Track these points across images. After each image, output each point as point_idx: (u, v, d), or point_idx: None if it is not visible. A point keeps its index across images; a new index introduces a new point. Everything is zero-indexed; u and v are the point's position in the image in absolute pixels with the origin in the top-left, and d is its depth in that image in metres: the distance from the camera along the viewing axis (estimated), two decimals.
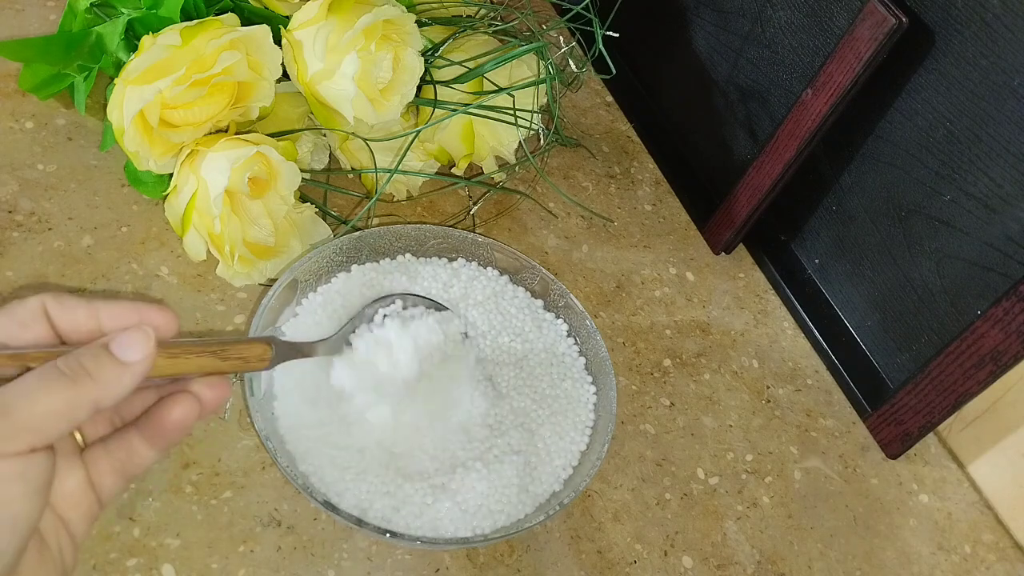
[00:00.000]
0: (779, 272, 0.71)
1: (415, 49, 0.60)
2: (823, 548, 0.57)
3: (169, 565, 0.46)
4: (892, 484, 0.61)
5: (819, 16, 0.61)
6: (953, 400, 0.57)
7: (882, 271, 0.63)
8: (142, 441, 0.36)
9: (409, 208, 0.67)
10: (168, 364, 0.35)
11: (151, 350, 0.33)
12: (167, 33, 0.52)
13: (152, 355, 0.33)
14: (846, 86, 0.58)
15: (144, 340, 0.33)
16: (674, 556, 0.54)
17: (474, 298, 0.58)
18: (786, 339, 0.68)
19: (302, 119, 0.62)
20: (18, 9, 0.69)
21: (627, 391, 0.61)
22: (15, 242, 0.56)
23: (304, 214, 0.60)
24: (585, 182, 0.74)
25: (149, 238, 0.59)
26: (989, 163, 0.54)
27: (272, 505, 0.50)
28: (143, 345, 0.33)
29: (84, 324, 0.35)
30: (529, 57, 0.65)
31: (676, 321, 0.66)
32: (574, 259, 0.68)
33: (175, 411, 0.36)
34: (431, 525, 0.48)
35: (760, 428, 0.62)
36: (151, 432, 0.36)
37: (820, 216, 0.67)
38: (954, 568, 0.58)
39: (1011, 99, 0.52)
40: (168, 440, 0.36)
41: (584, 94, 0.81)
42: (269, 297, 0.53)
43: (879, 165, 0.61)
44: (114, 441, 0.36)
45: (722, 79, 0.72)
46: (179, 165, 0.55)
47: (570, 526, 0.54)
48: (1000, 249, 0.55)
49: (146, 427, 0.36)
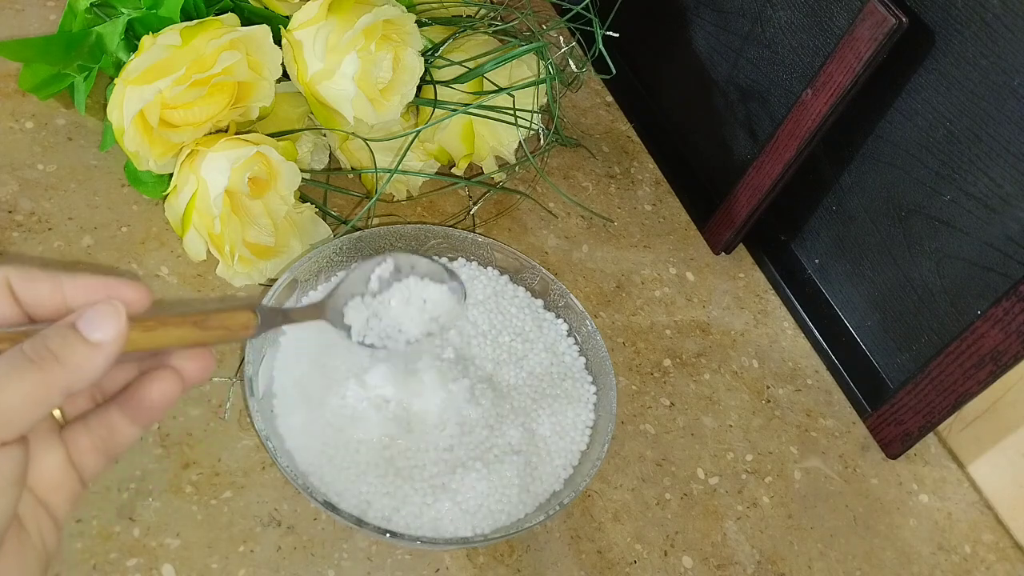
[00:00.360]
0: (779, 272, 0.71)
1: (415, 49, 0.60)
2: (823, 548, 0.57)
3: (169, 565, 0.46)
4: (892, 484, 0.61)
5: (819, 16, 0.61)
6: (953, 400, 0.57)
7: (882, 271, 0.63)
8: (123, 418, 0.34)
9: (409, 208, 0.67)
10: (144, 338, 0.32)
11: (122, 328, 0.31)
12: (167, 33, 0.52)
13: (124, 333, 0.31)
14: (846, 86, 0.58)
15: (114, 317, 0.31)
16: (674, 556, 0.54)
17: (474, 297, 0.58)
18: (786, 339, 0.68)
19: (302, 119, 0.62)
20: (18, 9, 0.69)
21: (627, 391, 0.61)
22: (15, 242, 0.56)
23: (304, 214, 0.60)
24: (585, 182, 0.74)
25: (149, 238, 0.59)
26: (989, 163, 0.54)
27: (272, 505, 0.50)
28: (113, 322, 0.30)
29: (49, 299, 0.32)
30: (529, 57, 0.65)
31: (676, 321, 0.66)
32: (574, 259, 0.68)
33: (156, 388, 0.34)
34: (431, 525, 0.48)
35: (760, 428, 0.62)
36: (133, 409, 0.34)
37: (820, 216, 0.67)
38: (954, 568, 0.58)
39: (1011, 99, 0.52)
40: (151, 417, 0.34)
41: (584, 94, 0.81)
42: (269, 297, 0.53)
43: (879, 165, 0.61)
44: (95, 418, 0.34)
45: (722, 79, 0.72)
46: (179, 165, 0.55)
47: (570, 526, 0.54)
48: (1000, 249, 0.55)
49: (127, 404, 0.34)
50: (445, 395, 0.51)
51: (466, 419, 0.51)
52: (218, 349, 0.55)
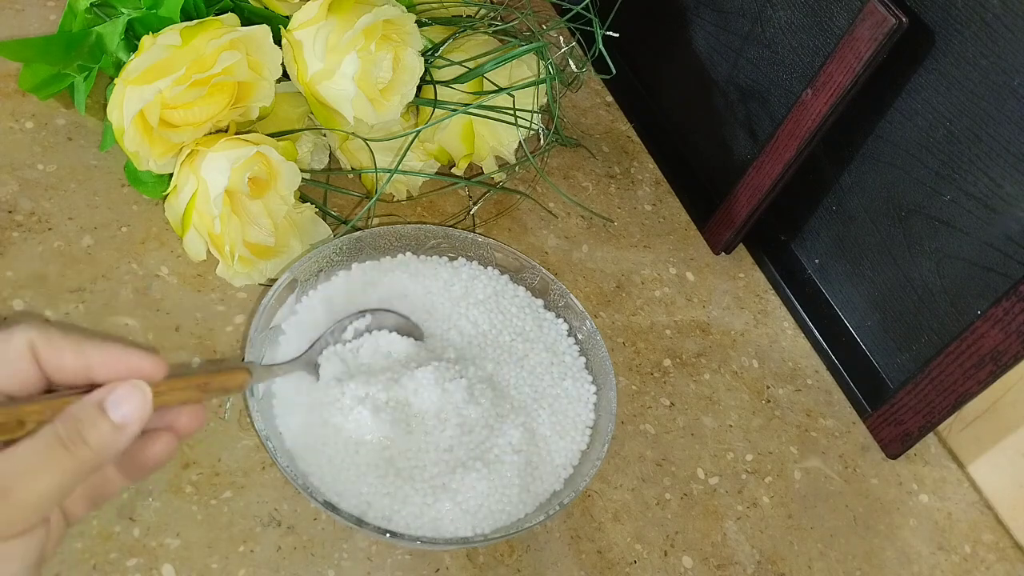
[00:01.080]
0: (779, 272, 0.71)
1: (415, 49, 0.60)
2: (823, 548, 0.57)
3: (169, 565, 0.46)
4: (892, 484, 0.61)
5: (819, 16, 0.61)
6: (953, 400, 0.57)
7: (882, 271, 0.63)
8: (117, 472, 0.36)
9: (409, 208, 0.67)
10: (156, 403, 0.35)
11: (147, 409, 0.33)
12: (167, 33, 0.52)
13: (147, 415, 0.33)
14: (846, 86, 0.58)
15: (140, 398, 0.32)
16: (674, 556, 0.54)
17: (475, 297, 0.58)
18: (786, 339, 0.68)
19: (302, 119, 0.62)
20: (18, 9, 0.69)
21: (627, 391, 0.61)
22: (15, 242, 0.56)
23: (304, 214, 0.60)
24: (585, 182, 0.74)
25: (149, 238, 0.59)
26: (989, 163, 0.54)
27: (272, 505, 0.50)
28: (139, 404, 0.32)
29: (71, 366, 0.34)
30: (529, 57, 0.65)
31: (676, 321, 0.66)
32: (574, 259, 0.68)
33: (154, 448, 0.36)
34: (431, 525, 0.48)
35: (760, 428, 0.62)
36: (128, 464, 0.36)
37: (820, 216, 0.67)
38: (954, 568, 0.58)
39: (1011, 99, 0.52)
40: (145, 474, 0.36)
41: (584, 94, 0.81)
42: (269, 297, 0.53)
43: (879, 165, 0.61)
44: None
45: (722, 79, 0.72)
46: (179, 165, 0.55)
47: (570, 526, 0.54)
48: (1000, 249, 0.55)
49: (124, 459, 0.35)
50: (444, 395, 0.51)
51: (466, 419, 0.51)
52: (218, 349, 0.55)
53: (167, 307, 0.56)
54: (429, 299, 0.57)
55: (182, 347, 0.55)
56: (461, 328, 0.56)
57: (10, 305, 0.53)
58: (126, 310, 0.55)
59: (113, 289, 0.56)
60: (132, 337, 0.54)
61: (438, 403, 0.51)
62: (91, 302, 0.55)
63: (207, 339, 0.55)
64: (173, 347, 0.55)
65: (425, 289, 0.57)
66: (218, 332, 0.56)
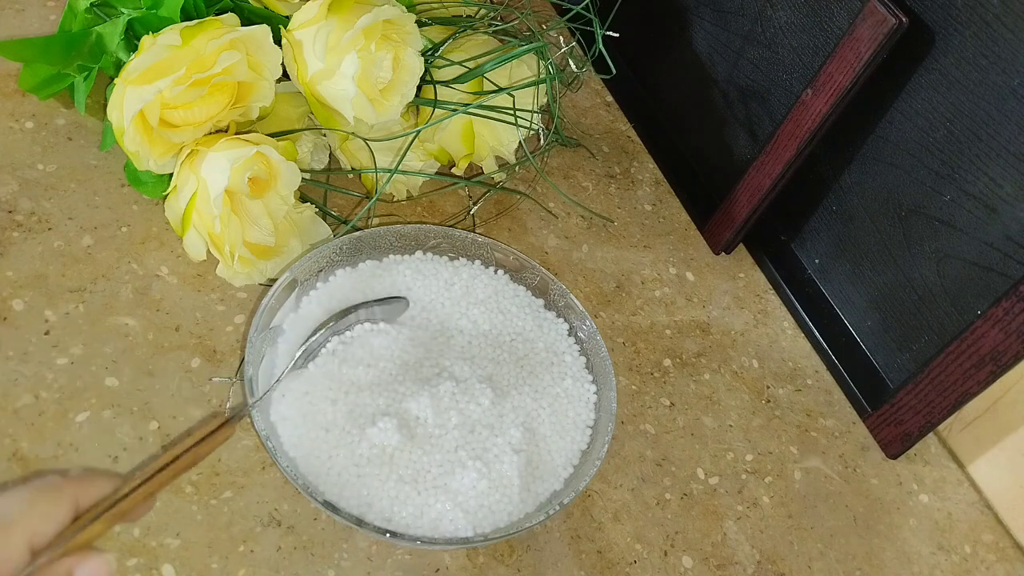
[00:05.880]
0: (779, 272, 0.71)
1: (415, 49, 0.60)
2: (823, 548, 0.57)
3: (169, 565, 0.46)
4: (892, 484, 0.61)
5: (819, 16, 0.61)
6: (953, 400, 0.57)
7: (882, 271, 0.63)
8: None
9: (409, 208, 0.67)
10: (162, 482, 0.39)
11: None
12: (167, 33, 0.52)
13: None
14: (846, 86, 0.58)
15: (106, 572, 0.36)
16: (674, 556, 0.54)
17: (475, 297, 0.58)
18: (786, 339, 0.68)
19: (302, 119, 0.62)
20: (18, 9, 0.69)
21: (627, 391, 0.61)
22: (15, 242, 0.56)
23: (304, 214, 0.60)
24: (585, 182, 0.74)
25: (149, 238, 0.59)
26: (989, 163, 0.54)
27: (272, 505, 0.50)
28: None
29: None
30: (529, 57, 0.65)
31: (676, 321, 0.66)
32: (574, 259, 0.68)
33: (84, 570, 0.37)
34: (431, 525, 0.48)
35: (760, 428, 0.62)
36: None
37: (820, 216, 0.67)
38: (954, 568, 0.58)
39: (1011, 99, 0.52)
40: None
41: (584, 94, 0.81)
42: (269, 297, 0.53)
43: (879, 165, 0.62)
44: None
45: (722, 79, 0.72)
46: (179, 165, 0.55)
47: (570, 526, 0.54)
48: (1000, 249, 0.55)
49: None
50: (444, 395, 0.51)
51: (466, 419, 0.51)
52: (218, 349, 0.55)
53: (167, 307, 0.56)
54: (429, 299, 0.57)
55: (182, 347, 0.55)
56: (461, 328, 0.56)
57: (10, 305, 0.53)
58: (126, 310, 0.55)
59: (113, 289, 0.56)
60: (132, 337, 0.54)
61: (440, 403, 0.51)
62: (91, 302, 0.55)
63: (207, 339, 0.55)
64: (173, 347, 0.55)
65: (425, 289, 0.57)
66: (218, 332, 0.56)
